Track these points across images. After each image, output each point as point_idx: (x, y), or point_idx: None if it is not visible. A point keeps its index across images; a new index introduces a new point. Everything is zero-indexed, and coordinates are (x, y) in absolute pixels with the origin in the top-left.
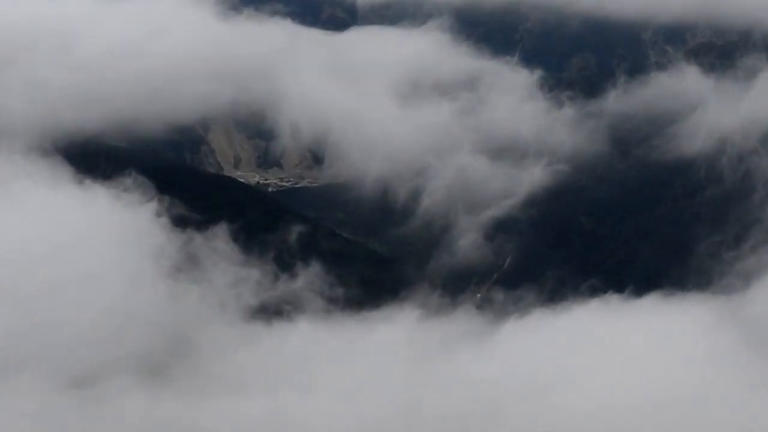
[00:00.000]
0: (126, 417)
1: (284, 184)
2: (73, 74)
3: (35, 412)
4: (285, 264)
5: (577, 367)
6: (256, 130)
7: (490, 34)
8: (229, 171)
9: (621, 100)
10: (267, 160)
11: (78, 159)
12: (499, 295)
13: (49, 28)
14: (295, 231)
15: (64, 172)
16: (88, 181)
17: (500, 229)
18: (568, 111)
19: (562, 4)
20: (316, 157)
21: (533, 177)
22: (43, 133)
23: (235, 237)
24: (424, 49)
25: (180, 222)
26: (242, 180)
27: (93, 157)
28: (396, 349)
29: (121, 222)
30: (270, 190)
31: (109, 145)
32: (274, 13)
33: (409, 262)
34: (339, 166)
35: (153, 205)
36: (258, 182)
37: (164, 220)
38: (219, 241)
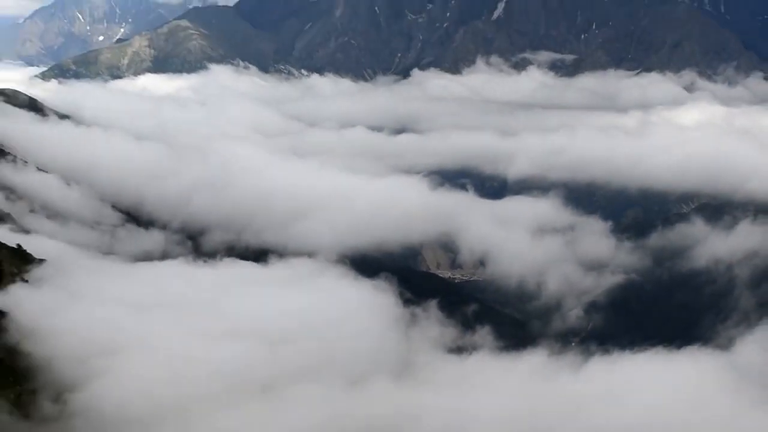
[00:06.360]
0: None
1: (463, 278)
2: (353, 223)
3: (324, 408)
4: (468, 326)
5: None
6: (450, 247)
7: (581, 197)
8: (434, 270)
9: (659, 237)
10: (454, 264)
11: (354, 264)
12: (592, 346)
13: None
14: (471, 308)
15: (346, 273)
16: (359, 279)
17: (591, 307)
18: (627, 244)
19: (625, 179)
20: (481, 263)
21: (608, 280)
22: (337, 248)
23: (440, 309)
24: (546, 210)
25: (408, 303)
26: (441, 275)
27: (363, 262)
28: (529, 373)
29: (372, 304)
30: (456, 281)
31: (370, 255)
32: (462, 185)
33: (535, 325)
34: (494, 268)
35: (393, 293)
36: (450, 277)
37: (399, 302)
38: (430, 311)
